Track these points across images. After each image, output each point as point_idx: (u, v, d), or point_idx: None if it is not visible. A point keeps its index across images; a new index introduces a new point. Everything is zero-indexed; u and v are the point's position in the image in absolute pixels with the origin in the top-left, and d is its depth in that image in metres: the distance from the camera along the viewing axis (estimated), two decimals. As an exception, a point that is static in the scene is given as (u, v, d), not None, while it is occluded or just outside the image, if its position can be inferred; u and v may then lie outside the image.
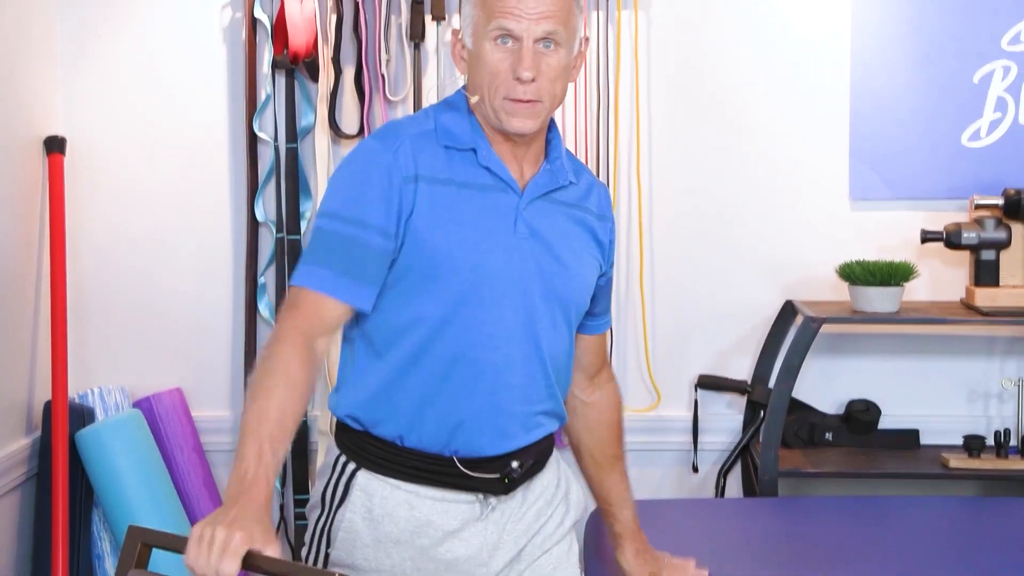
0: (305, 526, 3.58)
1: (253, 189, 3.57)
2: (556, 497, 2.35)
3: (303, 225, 3.56)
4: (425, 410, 2.19)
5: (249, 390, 2.03)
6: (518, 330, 2.20)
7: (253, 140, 3.56)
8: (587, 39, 2.27)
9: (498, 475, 2.23)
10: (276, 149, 3.55)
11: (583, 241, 2.31)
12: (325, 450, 2.40)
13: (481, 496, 2.24)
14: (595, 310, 2.39)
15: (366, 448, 2.22)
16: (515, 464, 2.24)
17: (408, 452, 2.20)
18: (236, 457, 1.93)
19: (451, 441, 2.20)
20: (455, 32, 2.25)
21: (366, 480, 2.22)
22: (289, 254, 3.54)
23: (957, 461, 3.38)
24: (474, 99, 2.19)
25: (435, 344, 2.17)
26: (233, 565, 1.80)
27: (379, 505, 2.21)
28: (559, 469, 2.39)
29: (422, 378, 2.18)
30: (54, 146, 3.44)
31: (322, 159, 3.52)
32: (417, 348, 2.17)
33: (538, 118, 2.17)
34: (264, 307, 3.57)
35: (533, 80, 2.13)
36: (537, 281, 2.21)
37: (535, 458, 2.29)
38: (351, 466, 2.24)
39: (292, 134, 3.53)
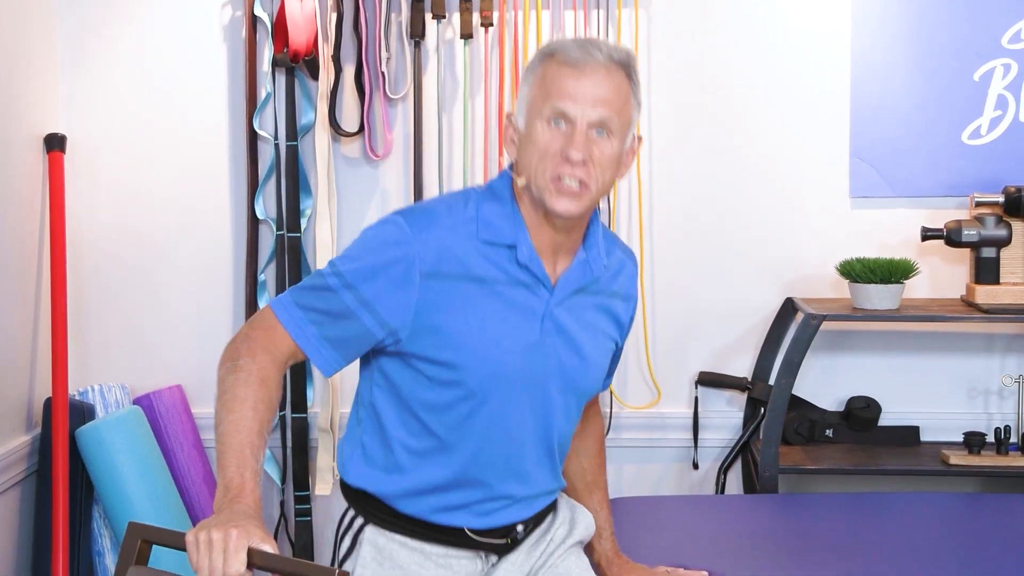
0: (306, 522, 3.60)
1: (253, 187, 3.57)
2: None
3: (303, 223, 3.56)
4: (438, 492, 2.23)
5: (220, 399, 2.04)
6: (533, 423, 2.25)
7: (253, 138, 3.56)
8: (640, 138, 2.26)
9: (504, 539, 2.30)
10: (276, 147, 3.55)
11: (605, 327, 2.33)
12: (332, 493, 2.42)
13: (483, 554, 2.31)
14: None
15: (378, 510, 2.26)
16: (520, 528, 2.32)
17: (418, 521, 2.25)
18: (219, 468, 1.96)
19: (461, 518, 2.26)
20: (507, 115, 2.24)
21: (374, 535, 2.26)
22: (289, 252, 3.54)
23: (957, 458, 3.38)
24: (521, 181, 2.18)
25: (451, 435, 2.21)
26: (239, 565, 1.80)
27: (388, 558, 2.26)
28: (562, 500, 2.45)
29: (437, 465, 2.23)
30: (54, 144, 3.45)
31: (322, 157, 3.52)
32: (434, 438, 2.21)
33: (583, 203, 2.15)
34: (264, 304, 3.57)
35: (583, 163, 2.11)
36: (557, 377, 2.24)
37: (539, 519, 2.36)
38: (359, 520, 2.28)
39: (292, 132, 3.53)
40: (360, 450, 2.26)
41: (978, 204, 3.46)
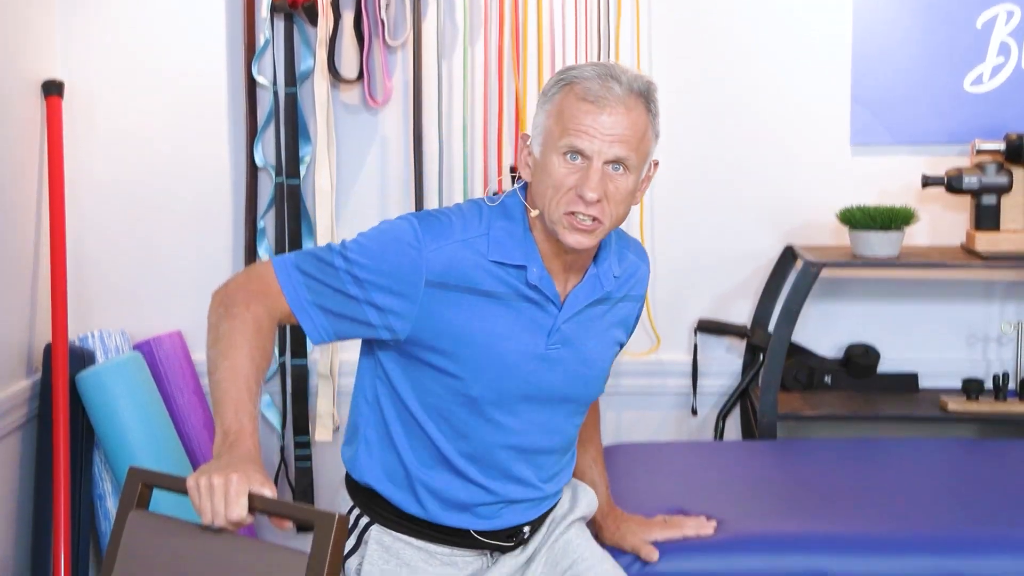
0: (306, 468, 3.62)
1: (252, 133, 3.56)
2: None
3: (302, 169, 3.55)
4: (444, 497, 2.24)
5: (215, 345, 2.03)
6: (538, 432, 2.25)
7: (252, 85, 3.55)
8: (656, 163, 2.25)
9: (510, 540, 2.32)
10: (275, 94, 3.54)
11: (613, 333, 2.33)
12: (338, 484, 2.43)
13: (488, 552, 2.32)
14: None
15: (384, 510, 2.27)
16: (526, 529, 2.33)
17: (425, 523, 2.26)
18: (216, 415, 1.96)
19: (467, 521, 2.27)
20: (523, 137, 2.21)
21: (380, 534, 2.28)
22: (288, 199, 3.53)
23: (955, 404, 3.39)
24: (534, 212, 2.16)
25: (457, 442, 2.21)
26: (241, 509, 1.81)
27: (395, 556, 2.27)
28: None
29: (443, 470, 2.23)
30: (52, 90, 3.43)
31: (321, 104, 3.51)
32: (440, 444, 2.21)
33: (596, 238, 2.14)
34: (264, 251, 3.57)
35: (597, 201, 2.09)
36: (563, 386, 2.24)
37: (544, 517, 2.37)
38: (364, 519, 2.29)
39: (291, 79, 3.52)
40: (364, 446, 2.27)
41: (979, 151, 3.45)
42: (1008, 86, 3.54)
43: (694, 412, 3.65)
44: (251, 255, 3.57)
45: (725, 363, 3.66)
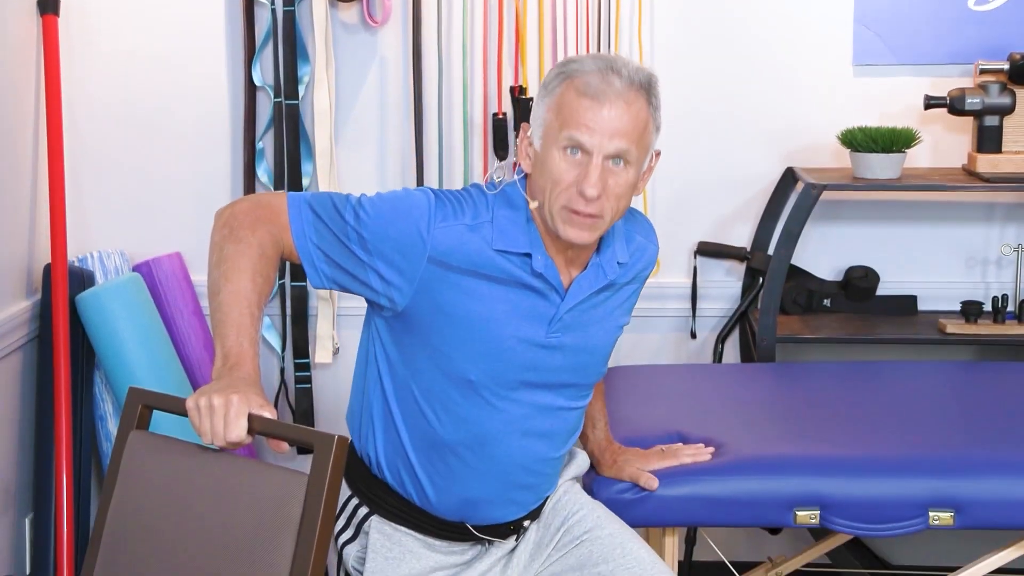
0: (307, 389, 3.63)
1: (250, 53, 3.53)
2: None
3: (301, 90, 3.53)
4: (442, 486, 2.24)
5: (218, 267, 2.01)
6: (539, 418, 2.24)
7: (249, 3, 3.51)
8: (658, 153, 2.22)
9: (510, 534, 2.33)
10: (273, 12, 3.50)
11: (617, 317, 2.32)
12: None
13: (487, 542, 2.33)
14: None
15: (382, 498, 2.28)
16: (527, 523, 2.35)
17: (423, 512, 2.27)
18: (216, 337, 1.95)
19: (465, 514, 2.27)
20: (524, 127, 2.19)
21: (380, 524, 2.28)
22: (287, 119, 3.51)
23: (954, 326, 3.39)
24: (533, 204, 2.14)
25: (457, 429, 2.21)
26: (240, 430, 1.82)
27: (397, 544, 2.28)
28: None
29: (442, 456, 2.23)
30: (48, 7, 3.39)
31: (320, 22, 3.47)
32: (439, 429, 2.21)
33: (596, 232, 2.13)
34: (263, 172, 3.56)
35: (597, 198, 2.08)
36: (564, 373, 2.24)
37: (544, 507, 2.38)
38: (363, 510, 2.30)
39: (289, -4, 3.49)
40: (369, 427, 2.27)
41: (982, 71, 3.42)
42: (1013, 5, 3.51)
43: (693, 335, 3.66)
44: (250, 176, 3.56)
45: (724, 286, 3.66)
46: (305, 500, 1.81)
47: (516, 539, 2.36)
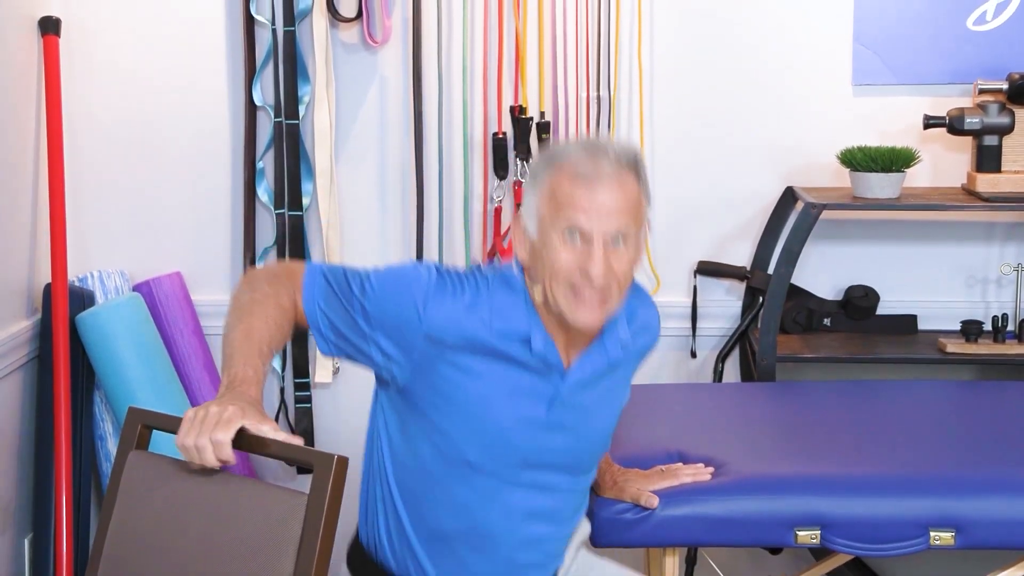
0: (306, 409, 3.63)
1: (251, 73, 3.54)
2: None
3: (301, 109, 3.53)
4: (446, 570, 2.23)
5: (233, 313, 2.06)
6: (540, 499, 2.24)
7: (250, 23, 3.52)
8: (649, 227, 2.24)
9: None
10: (273, 32, 3.51)
11: (620, 392, 2.33)
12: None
13: None
14: None
15: None
16: None
17: None
18: (224, 368, 1.98)
19: None
20: (516, 218, 2.19)
21: None
22: (287, 139, 3.52)
23: (954, 346, 3.39)
24: (538, 295, 2.14)
25: (454, 511, 2.20)
26: (227, 433, 1.82)
27: None
28: None
29: (445, 542, 2.22)
30: (49, 27, 3.41)
31: (320, 42, 3.48)
32: (438, 512, 2.21)
33: (606, 313, 2.13)
34: (263, 191, 3.56)
35: (604, 279, 2.08)
36: (566, 454, 2.23)
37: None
38: None
39: (290, 17, 3.49)
40: (374, 512, 2.27)
41: (982, 91, 3.43)
42: (1011, 24, 3.51)
43: (693, 354, 3.65)
44: (250, 195, 3.56)
45: (724, 305, 3.66)
46: (305, 520, 1.81)
47: None
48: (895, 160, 3.34)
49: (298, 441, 1.86)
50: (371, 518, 2.28)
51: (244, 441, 1.86)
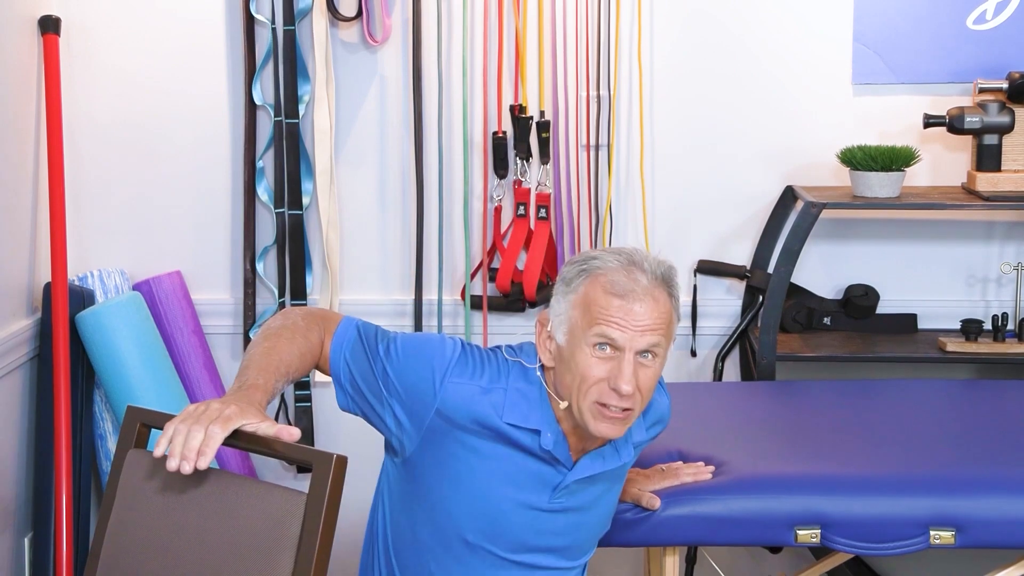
0: (306, 408, 3.63)
1: (251, 72, 3.53)
2: None
3: (301, 109, 3.53)
4: None
5: (264, 332, 2.07)
6: None
7: (250, 22, 3.52)
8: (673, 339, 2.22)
9: None
10: (273, 31, 3.51)
11: (620, 483, 2.33)
12: None
13: None
14: None
15: None
16: None
17: None
18: (237, 377, 1.99)
19: None
20: (542, 320, 2.18)
21: None
22: (287, 138, 3.52)
23: (954, 345, 3.39)
24: (563, 404, 2.14)
25: None
26: (224, 429, 1.81)
27: None
28: None
29: None
30: (48, 26, 3.40)
31: (320, 41, 3.48)
32: None
33: (628, 425, 2.14)
34: (263, 191, 3.56)
35: (632, 393, 2.09)
36: (566, 536, 2.24)
37: None
38: None
39: (290, 16, 3.49)
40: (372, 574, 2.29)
41: (981, 90, 3.43)
42: (1011, 24, 3.51)
43: (693, 353, 3.65)
44: (250, 194, 3.56)
45: (724, 304, 3.66)
46: (304, 519, 1.80)
47: None
48: (895, 159, 3.34)
49: (295, 432, 1.86)
50: None
51: (243, 439, 1.86)
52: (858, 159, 3.35)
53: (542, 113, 3.53)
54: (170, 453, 1.80)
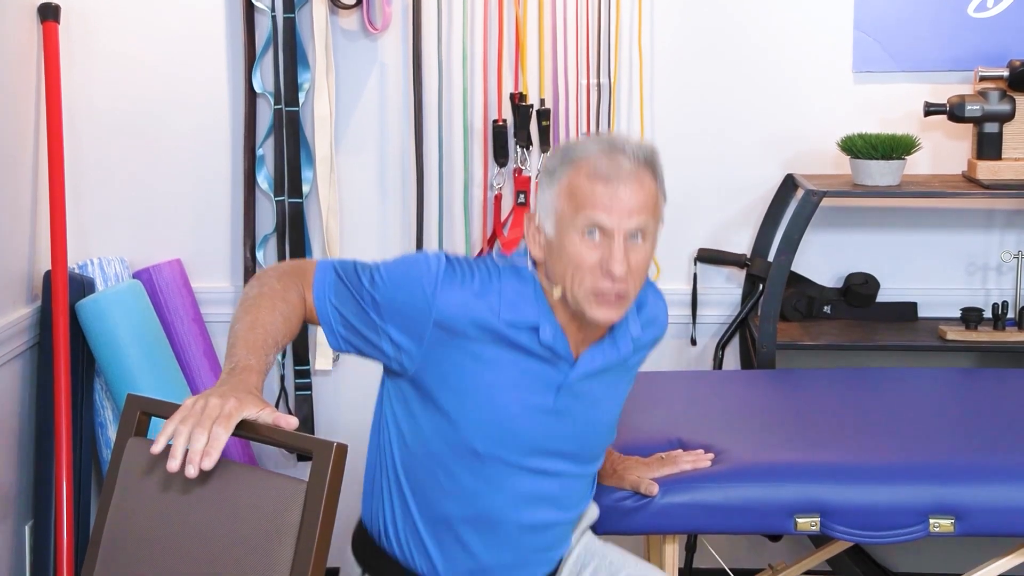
0: (307, 396, 3.63)
1: (250, 60, 3.53)
2: None
3: (301, 96, 3.53)
4: (451, 554, 2.23)
5: (240, 307, 2.06)
6: (545, 486, 2.24)
7: (250, 9, 3.51)
8: (662, 222, 2.24)
9: None
10: (273, 18, 3.51)
11: (623, 384, 2.33)
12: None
13: None
14: None
15: (388, 572, 2.27)
16: None
17: None
18: (227, 357, 1.97)
19: None
20: (529, 216, 2.19)
21: None
22: (287, 125, 3.51)
23: (954, 333, 3.39)
24: (556, 292, 2.13)
25: (460, 497, 2.21)
26: (227, 429, 1.81)
27: None
28: None
29: (449, 525, 2.22)
30: (48, 14, 3.40)
31: (320, 29, 3.48)
32: (443, 498, 2.21)
33: (623, 310, 2.14)
34: (263, 179, 3.56)
35: (624, 275, 2.09)
36: (570, 442, 2.23)
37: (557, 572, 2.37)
38: None
39: (289, 3, 3.48)
40: (380, 500, 2.28)
41: (982, 78, 3.42)
42: (1012, 12, 3.51)
43: (693, 342, 3.65)
44: (250, 182, 3.56)
45: (724, 293, 3.66)
46: (304, 507, 1.81)
47: None
48: (895, 147, 3.34)
49: (293, 421, 1.85)
50: (376, 505, 2.29)
51: (243, 428, 1.86)
52: (859, 147, 3.35)
53: (542, 101, 3.52)
54: (172, 454, 1.80)
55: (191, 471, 1.78)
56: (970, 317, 3.41)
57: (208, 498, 1.89)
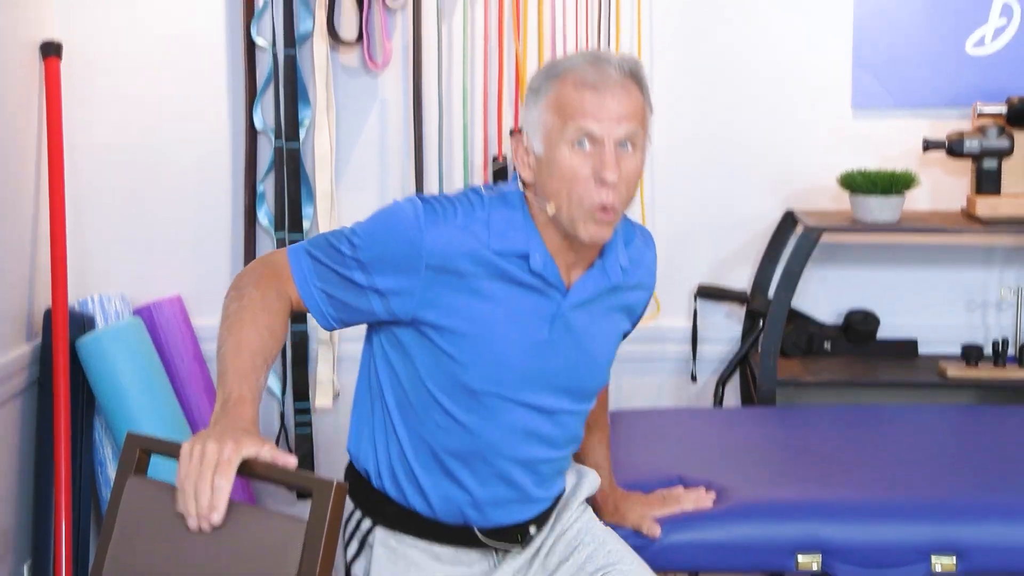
0: (307, 434, 3.62)
1: (251, 96, 3.54)
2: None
3: (302, 133, 3.54)
4: (445, 490, 2.23)
5: (223, 324, 2.04)
6: (539, 422, 2.24)
7: (251, 46, 3.53)
8: (650, 139, 2.24)
9: (516, 542, 2.31)
10: (274, 56, 3.52)
11: (618, 322, 2.32)
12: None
13: (495, 551, 2.31)
14: None
15: (384, 510, 2.27)
16: (532, 529, 2.32)
17: (427, 520, 2.26)
18: (219, 386, 1.96)
19: (470, 517, 2.26)
20: (517, 137, 2.18)
21: (384, 536, 2.28)
22: (288, 162, 3.52)
23: (955, 370, 3.39)
24: (550, 209, 2.12)
25: (455, 432, 2.20)
26: (227, 477, 1.80)
27: (402, 557, 2.27)
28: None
29: (443, 461, 2.22)
30: (50, 51, 3.41)
31: (320, 65, 3.49)
32: (438, 434, 2.20)
33: (613, 227, 2.14)
34: (263, 215, 3.56)
35: (617, 182, 2.08)
36: (565, 375, 2.23)
37: (547, 516, 2.36)
38: (367, 523, 2.29)
39: (290, 40, 3.50)
40: (369, 438, 2.27)
41: (981, 114, 3.43)
42: (1010, 48, 3.52)
43: (693, 378, 3.65)
44: (251, 219, 3.57)
45: (725, 329, 3.66)
46: (303, 547, 1.80)
47: (523, 548, 2.33)
48: (894, 183, 3.34)
49: (292, 461, 1.85)
50: (367, 449, 2.27)
51: (243, 466, 1.85)
52: (858, 183, 3.36)
53: (542, 138, 3.53)
54: (186, 513, 1.81)
55: (204, 526, 1.79)
56: (970, 354, 3.40)
57: (207, 537, 1.88)
